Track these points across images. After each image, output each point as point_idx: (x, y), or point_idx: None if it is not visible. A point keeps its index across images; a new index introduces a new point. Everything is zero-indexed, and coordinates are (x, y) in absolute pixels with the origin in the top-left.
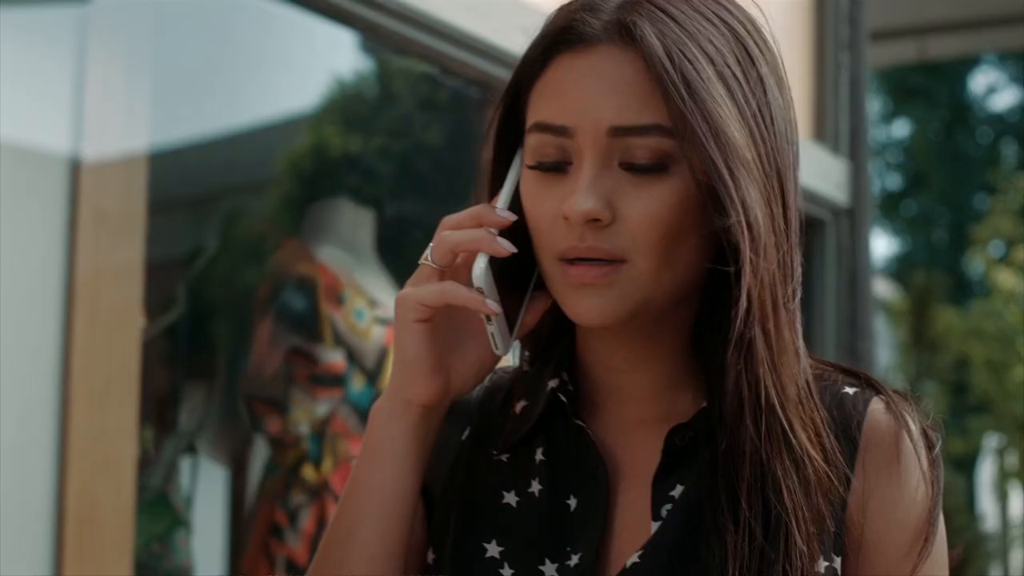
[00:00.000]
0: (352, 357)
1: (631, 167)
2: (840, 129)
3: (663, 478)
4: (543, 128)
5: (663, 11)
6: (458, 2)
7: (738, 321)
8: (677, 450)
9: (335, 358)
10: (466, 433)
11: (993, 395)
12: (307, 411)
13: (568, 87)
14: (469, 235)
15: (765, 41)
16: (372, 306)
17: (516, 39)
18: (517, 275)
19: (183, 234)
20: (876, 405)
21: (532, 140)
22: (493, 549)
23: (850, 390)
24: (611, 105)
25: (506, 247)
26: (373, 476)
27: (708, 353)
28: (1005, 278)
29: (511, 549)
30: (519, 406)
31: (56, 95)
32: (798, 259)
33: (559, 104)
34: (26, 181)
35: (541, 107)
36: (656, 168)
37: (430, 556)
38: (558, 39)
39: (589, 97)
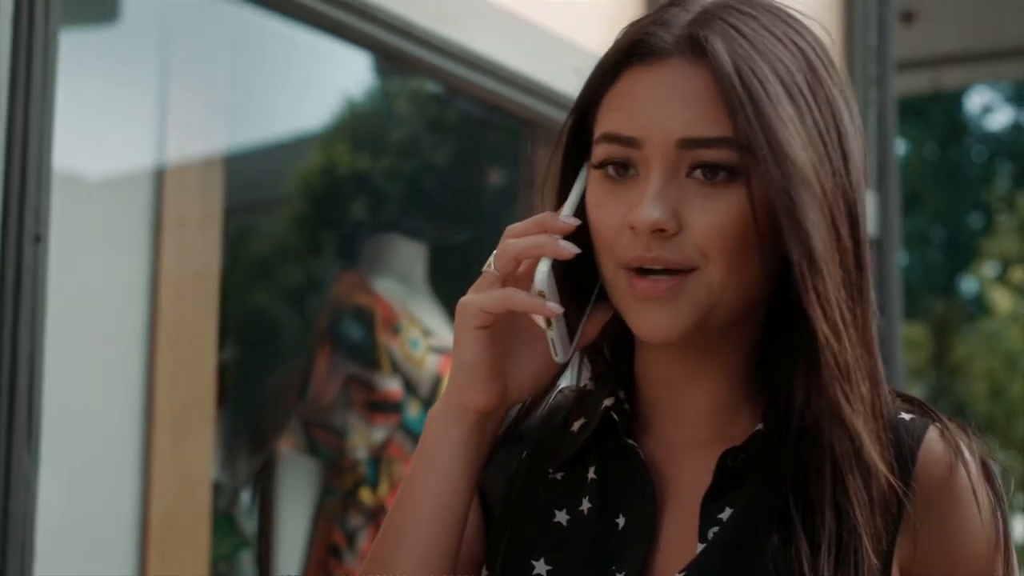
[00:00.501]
0: (408, 385)
1: (698, 178)
2: (868, 162)
3: (712, 500)
4: (612, 139)
5: (735, 28)
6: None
7: (803, 343)
8: (728, 472)
9: (392, 386)
10: (525, 453)
11: (996, 416)
12: (364, 436)
13: (638, 99)
14: (532, 241)
15: (833, 64)
16: (426, 335)
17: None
18: (579, 286)
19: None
20: (932, 434)
21: (600, 150)
22: (541, 567)
23: (906, 416)
24: (680, 117)
25: (569, 248)
26: (427, 480)
27: (769, 373)
28: (1002, 298)
29: (558, 568)
30: (577, 424)
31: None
32: (868, 280)
33: (628, 115)
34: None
35: (611, 118)
36: (722, 180)
37: (484, 573)
38: (630, 52)
39: (658, 109)
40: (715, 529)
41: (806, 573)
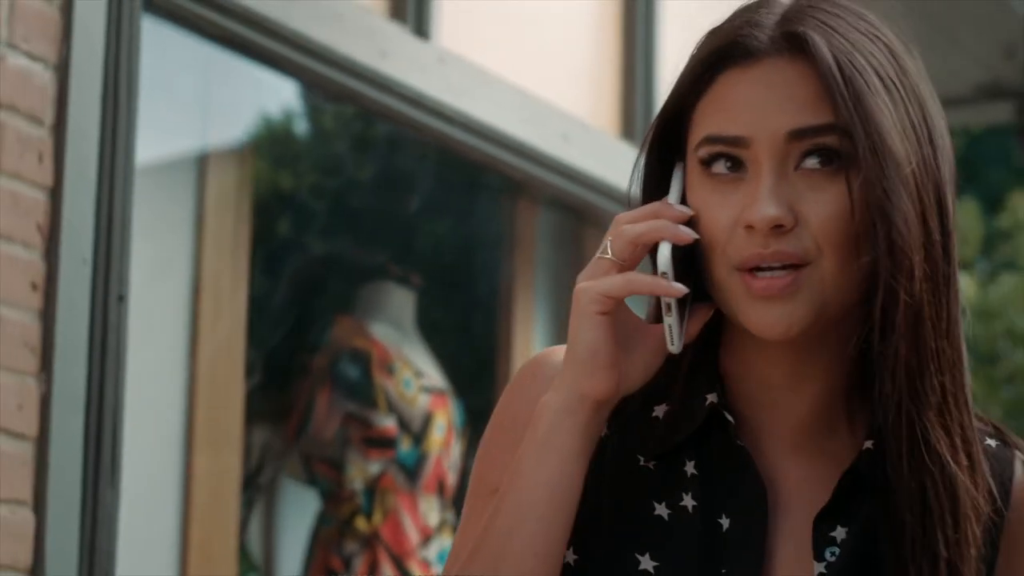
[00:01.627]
0: (401, 422)
1: (807, 170)
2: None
3: (826, 517)
4: (716, 140)
5: (826, 24)
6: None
7: (882, 343)
8: (845, 490)
9: (387, 423)
10: (604, 431)
11: None
12: (361, 469)
13: (740, 99)
14: (651, 225)
15: (915, 59)
16: (418, 376)
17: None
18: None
19: None
20: (1019, 461)
21: (703, 153)
22: (647, 563)
23: (992, 442)
24: (786, 110)
25: (689, 233)
26: (540, 471)
27: (868, 380)
28: None
29: (666, 565)
30: (661, 411)
31: None
32: (957, 274)
33: (732, 116)
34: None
35: (712, 120)
36: (832, 170)
37: (570, 556)
38: (724, 55)
39: (763, 106)
40: (834, 549)
41: None
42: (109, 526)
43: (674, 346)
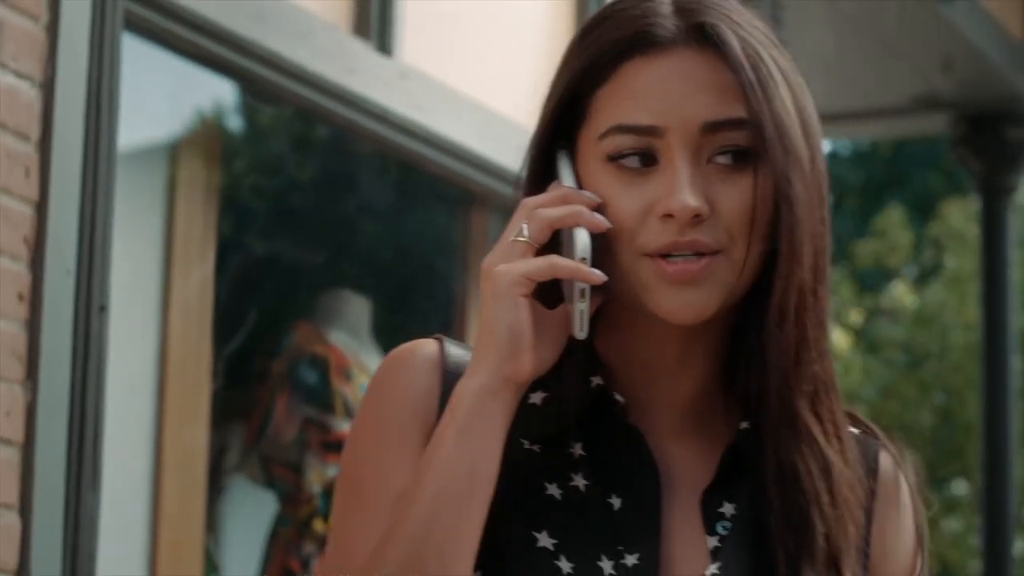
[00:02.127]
0: None
1: (719, 162)
2: None
3: (712, 494)
4: (626, 129)
5: (727, 15)
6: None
7: (770, 324)
8: (727, 468)
9: (345, 428)
10: None
11: None
12: (319, 473)
13: (650, 88)
14: (569, 210)
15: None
16: None
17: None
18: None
19: None
20: (883, 452)
21: (612, 142)
22: (545, 540)
23: (855, 430)
24: (700, 102)
25: (604, 222)
26: (462, 456)
27: (743, 363)
28: (839, 338)
29: (565, 543)
30: (538, 398)
31: None
32: (829, 269)
33: (643, 105)
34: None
35: (619, 110)
36: (742, 162)
37: None
38: (628, 44)
39: (677, 96)
40: (725, 523)
41: (811, 567)
42: (91, 529)
43: (582, 332)
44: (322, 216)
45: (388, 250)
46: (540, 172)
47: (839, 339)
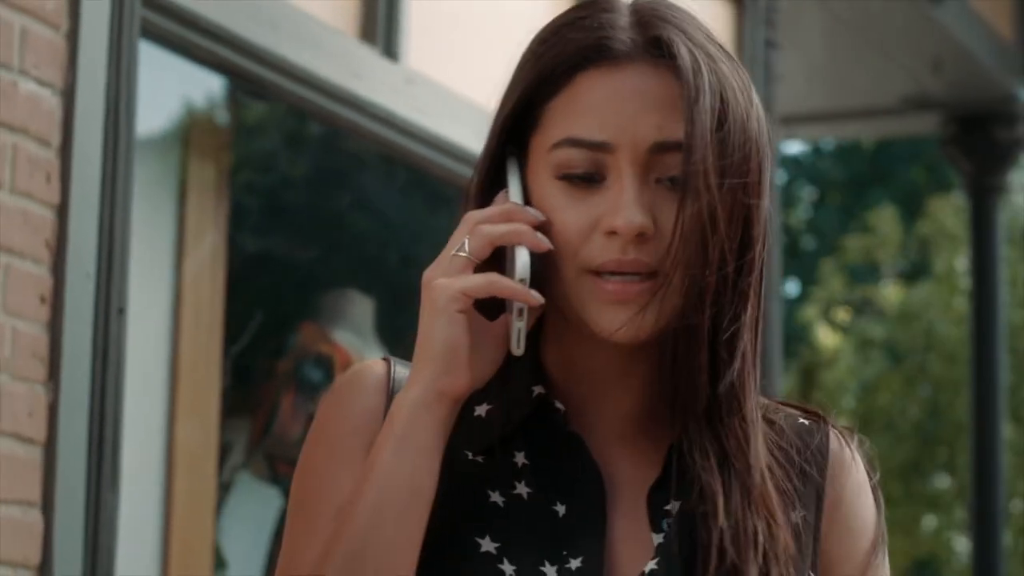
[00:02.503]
0: None
1: (666, 181)
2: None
3: (657, 491)
4: (577, 143)
5: (683, 30)
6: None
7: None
8: (671, 466)
9: None
10: None
11: None
12: None
13: (604, 103)
14: (511, 228)
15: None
16: None
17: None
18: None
19: None
20: (833, 434)
21: (562, 155)
22: (488, 545)
23: (805, 421)
24: (651, 122)
25: (545, 243)
26: (400, 468)
27: (677, 370)
28: (826, 335)
29: (508, 547)
30: (483, 410)
31: None
32: (752, 287)
33: (595, 120)
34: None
35: (571, 123)
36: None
37: None
38: (583, 56)
39: (630, 113)
40: (668, 520)
41: (756, 557)
42: (110, 526)
43: (519, 349)
44: (327, 218)
45: (391, 251)
46: (489, 180)
47: (827, 335)
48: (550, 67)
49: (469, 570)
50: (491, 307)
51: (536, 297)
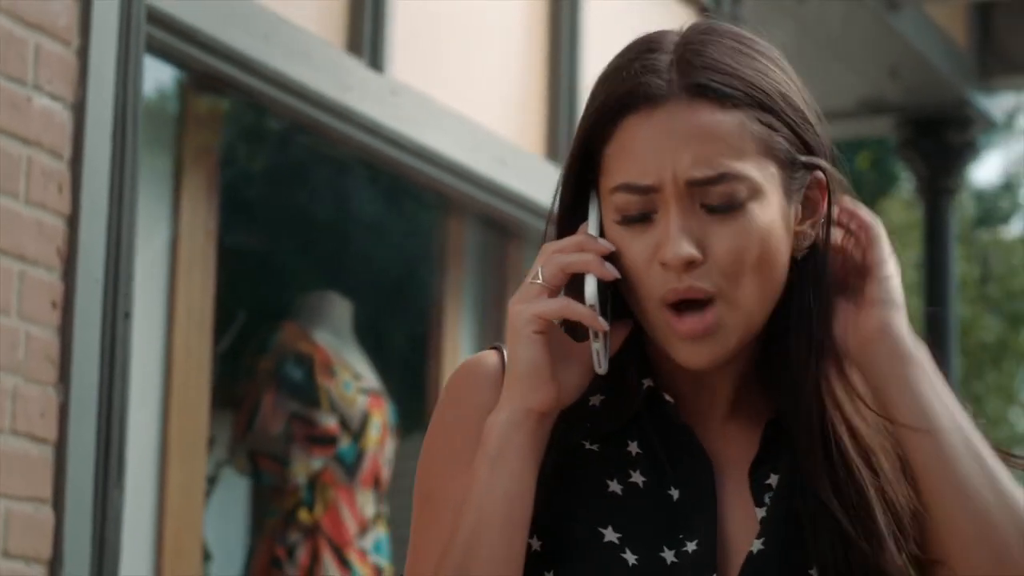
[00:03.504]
0: (342, 421)
1: (711, 208)
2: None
3: (758, 467)
4: (629, 188)
5: (722, 63)
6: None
7: (799, 330)
8: (768, 441)
9: (330, 422)
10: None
11: None
12: (304, 465)
13: (644, 146)
14: (581, 257)
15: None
16: (356, 379)
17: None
18: (604, 304)
19: None
20: None
21: (619, 200)
22: (610, 535)
23: None
24: (686, 159)
25: (613, 272)
26: (497, 483)
27: (776, 356)
28: None
29: (628, 535)
30: (598, 400)
31: None
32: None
33: (639, 165)
34: None
35: (622, 169)
36: (734, 206)
37: (535, 543)
38: (626, 103)
39: (666, 153)
40: (769, 495)
41: (826, 543)
42: (116, 522)
43: (601, 368)
44: (309, 222)
45: (370, 255)
46: (568, 213)
47: None
48: (600, 113)
49: (595, 561)
50: (581, 330)
51: (602, 324)
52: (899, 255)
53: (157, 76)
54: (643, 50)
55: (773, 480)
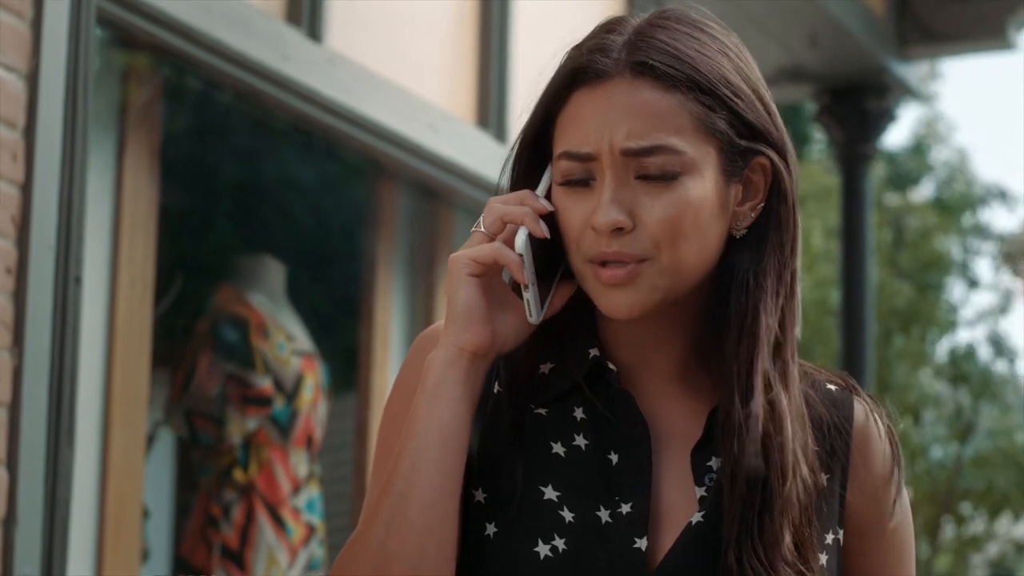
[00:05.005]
0: (276, 382)
1: (645, 178)
2: None
3: (700, 450)
4: (570, 156)
5: (670, 46)
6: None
7: (736, 311)
8: (713, 428)
9: (264, 383)
10: (496, 387)
11: None
12: (239, 425)
13: (587, 118)
14: (517, 209)
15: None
16: (290, 340)
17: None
18: (550, 263)
19: None
20: (857, 403)
21: (562, 166)
22: (550, 493)
23: (832, 387)
24: (622, 131)
25: (543, 229)
26: (432, 416)
27: (717, 338)
28: None
29: (567, 494)
30: (547, 368)
31: None
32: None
33: (582, 134)
34: None
35: (566, 138)
36: (665, 178)
37: (479, 495)
38: (576, 76)
39: (605, 124)
40: (712, 475)
41: (738, 531)
42: (67, 480)
43: (532, 318)
44: (246, 188)
45: (305, 219)
46: (523, 175)
47: None
48: (555, 86)
49: (534, 516)
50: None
51: (525, 276)
52: (815, 220)
53: (102, 47)
54: (603, 31)
55: (715, 463)
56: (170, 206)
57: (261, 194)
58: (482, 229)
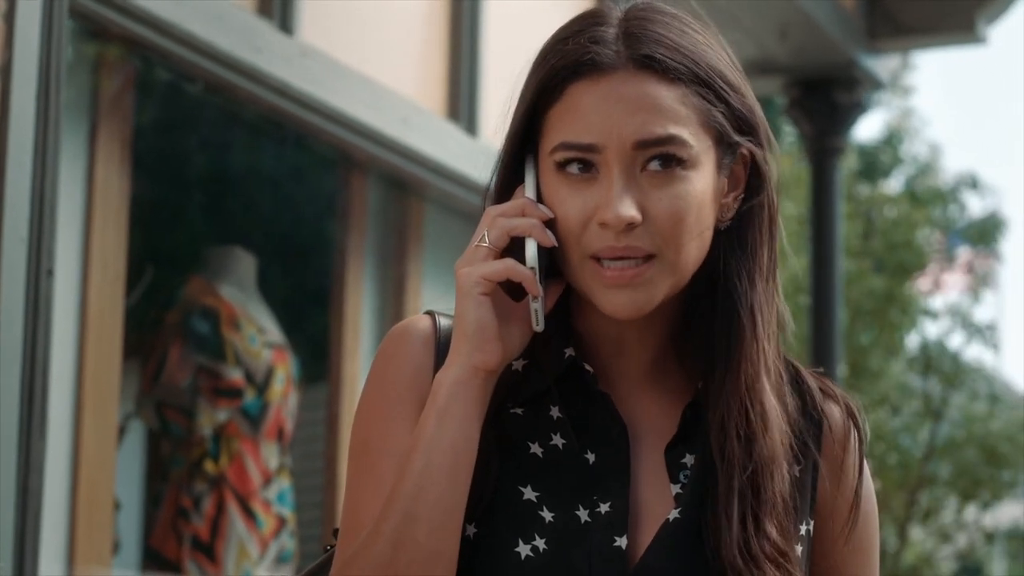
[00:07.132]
0: (247, 374)
1: (651, 172)
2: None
3: (674, 447)
4: (571, 147)
5: (664, 38)
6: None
7: (725, 306)
8: (688, 423)
9: (235, 375)
10: None
11: None
12: (210, 417)
13: (591, 109)
14: (525, 222)
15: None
16: (261, 332)
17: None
18: (541, 267)
19: None
20: (828, 394)
21: (558, 157)
22: (529, 493)
23: (809, 384)
24: (632, 122)
25: (552, 239)
26: (443, 436)
27: (698, 334)
28: None
29: (546, 494)
30: (519, 365)
31: None
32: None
33: (584, 125)
34: None
35: (565, 128)
36: (673, 170)
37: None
38: (573, 69)
39: (613, 117)
40: (686, 472)
41: (723, 523)
42: (39, 471)
43: (539, 326)
44: (217, 180)
45: (275, 211)
46: (508, 179)
47: None
48: (547, 79)
49: (514, 517)
50: (519, 289)
51: (539, 288)
52: (783, 210)
53: (73, 38)
54: (589, 23)
55: (689, 460)
56: (141, 198)
57: (232, 186)
58: (486, 244)
